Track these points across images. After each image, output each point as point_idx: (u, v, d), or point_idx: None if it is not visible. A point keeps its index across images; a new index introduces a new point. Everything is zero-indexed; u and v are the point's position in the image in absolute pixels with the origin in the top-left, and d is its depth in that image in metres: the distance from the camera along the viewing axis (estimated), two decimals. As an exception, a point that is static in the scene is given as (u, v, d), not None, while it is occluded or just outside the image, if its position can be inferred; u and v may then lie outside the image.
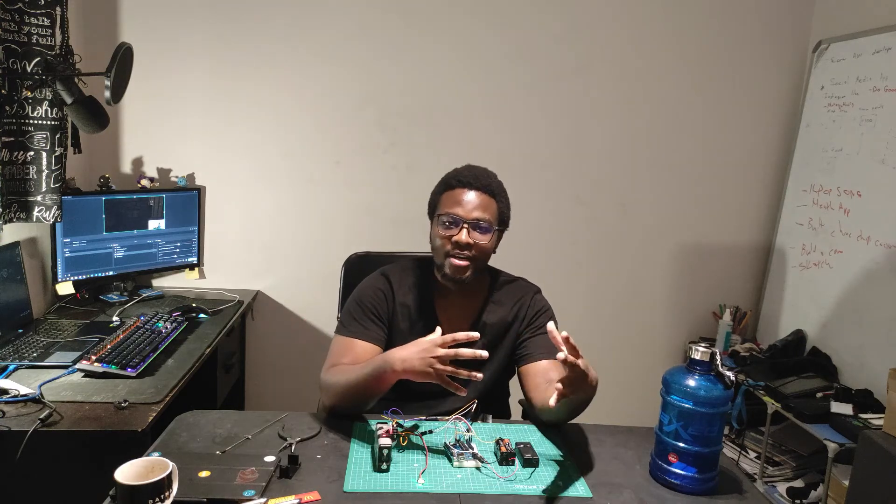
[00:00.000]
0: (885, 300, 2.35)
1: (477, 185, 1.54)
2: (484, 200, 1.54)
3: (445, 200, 1.56)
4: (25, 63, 2.07)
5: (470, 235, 1.51)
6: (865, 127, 2.50)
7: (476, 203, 1.53)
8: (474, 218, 1.52)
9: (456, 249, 1.52)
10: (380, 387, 1.39)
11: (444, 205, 1.56)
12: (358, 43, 2.75)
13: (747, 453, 2.65)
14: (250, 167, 2.81)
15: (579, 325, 3.00)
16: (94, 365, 1.80)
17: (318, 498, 1.15)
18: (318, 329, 2.94)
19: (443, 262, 1.55)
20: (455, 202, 1.53)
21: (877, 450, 1.89)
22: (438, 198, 1.59)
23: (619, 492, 1.24)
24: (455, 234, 1.51)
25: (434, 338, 1.32)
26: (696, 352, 1.25)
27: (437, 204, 1.59)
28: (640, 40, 2.87)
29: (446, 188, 1.57)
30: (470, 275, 1.54)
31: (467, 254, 1.52)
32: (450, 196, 1.55)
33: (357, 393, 1.41)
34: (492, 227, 1.54)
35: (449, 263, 1.53)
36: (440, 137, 2.85)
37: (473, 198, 1.53)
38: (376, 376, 1.37)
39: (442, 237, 1.53)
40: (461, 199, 1.53)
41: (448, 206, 1.54)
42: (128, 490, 1.01)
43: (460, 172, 1.57)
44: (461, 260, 1.52)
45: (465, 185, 1.54)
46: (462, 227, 1.51)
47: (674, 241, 3.05)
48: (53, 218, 2.26)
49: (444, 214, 1.53)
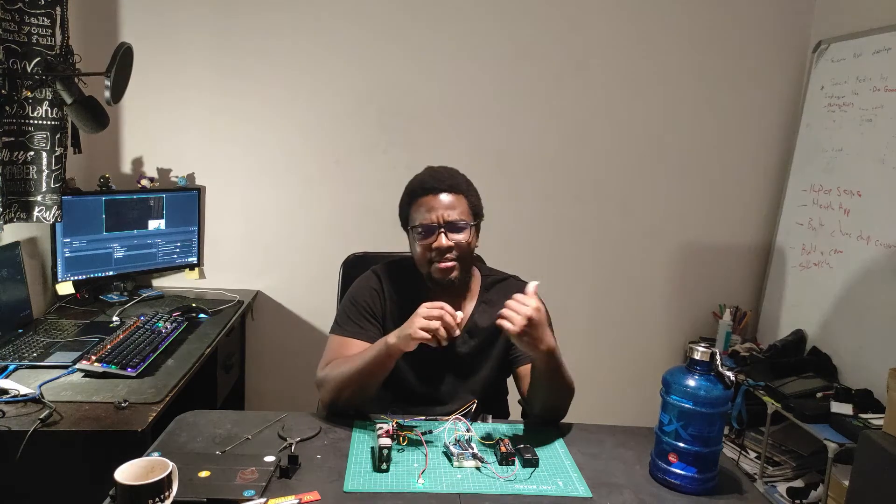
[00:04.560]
0: (885, 300, 2.35)
1: (442, 188, 1.52)
2: (453, 200, 1.52)
3: (415, 211, 1.54)
4: (25, 63, 2.07)
5: (448, 238, 1.50)
6: (865, 127, 2.50)
7: (446, 204, 1.51)
8: (448, 220, 1.51)
9: (438, 255, 1.51)
10: (382, 368, 1.41)
11: (415, 215, 1.54)
12: (358, 43, 2.76)
13: (747, 453, 2.65)
14: (250, 167, 2.81)
15: (579, 324, 3.03)
16: (94, 365, 1.80)
17: (318, 498, 1.15)
18: (317, 329, 2.93)
19: (428, 271, 1.55)
20: (425, 210, 1.52)
21: (877, 450, 1.88)
22: (408, 209, 1.57)
23: (619, 492, 1.24)
24: (433, 241, 1.51)
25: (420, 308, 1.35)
26: (696, 352, 1.25)
27: (408, 216, 1.57)
28: (640, 40, 2.87)
29: (413, 198, 1.55)
30: (458, 274, 1.54)
31: (450, 256, 1.52)
32: (418, 205, 1.53)
33: (361, 378, 1.42)
34: (467, 223, 1.53)
35: (435, 269, 1.53)
36: (440, 137, 2.85)
37: (442, 201, 1.51)
38: (378, 357, 1.39)
39: (421, 247, 1.53)
40: (431, 205, 1.51)
41: (419, 216, 1.53)
42: (128, 490, 1.01)
43: (423, 179, 1.55)
44: (446, 262, 1.52)
45: (431, 190, 1.52)
46: (438, 232, 1.50)
47: (674, 241, 3.05)
48: (53, 218, 2.26)
49: (418, 226, 1.52)
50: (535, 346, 1.33)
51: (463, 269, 1.55)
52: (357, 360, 1.43)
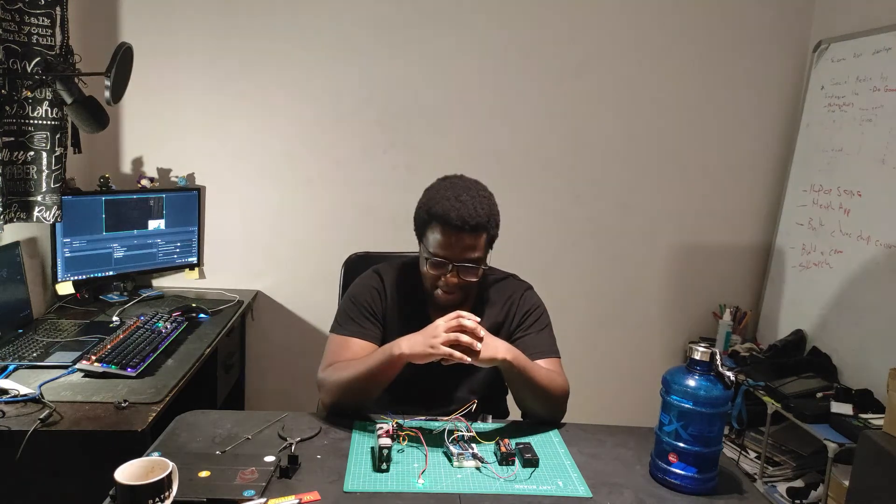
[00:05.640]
0: (885, 300, 2.35)
1: (466, 229, 1.42)
2: (473, 241, 1.45)
3: (432, 236, 1.47)
4: (25, 63, 2.07)
5: (459, 277, 1.47)
6: (865, 127, 2.50)
7: (464, 245, 1.44)
8: (463, 259, 1.46)
9: (444, 286, 1.50)
10: (387, 375, 1.40)
11: (430, 240, 1.47)
12: (358, 43, 2.76)
13: (747, 453, 2.65)
14: (250, 167, 2.81)
15: (579, 324, 3.03)
16: (94, 365, 1.80)
17: (318, 498, 1.15)
18: (317, 329, 2.93)
19: (432, 292, 1.54)
20: (442, 242, 1.45)
21: (877, 450, 1.88)
22: (425, 228, 1.50)
23: (619, 492, 1.24)
24: (443, 274, 1.48)
25: (439, 322, 1.36)
26: (696, 352, 1.25)
27: (423, 233, 1.51)
28: (640, 41, 2.87)
29: (432, 219, 1.45)
30: (460, 303, 1.53)
31: (456, 289, 1.50)
32: (436, 234, 1.45)
33: (364, 384, 1.41)
34: (481, 263, 1.50)
35: (438, 295, 1.53)
36: (440, 137, 2.85)
37: (462, 239, 1.44)
38: (384, 364, 1.38)
39: (430, 274, 1.50)
40: (449, 241, 1.44)
41: (435, 246, 1.46)
42: (128, 490, 1.01)
43: (447, 213, 1.42)
44: (450, 295, 1.51)
45: (453, 228, 1.42)
46: (450, 269, 1.47)
47: (674, 240, 3.05)
48: (53, 218, 2.26)
49: (431, 257, 1.47)
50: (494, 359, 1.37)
51: (465, 299, 1.55)
52: (359, 366, 1.42)
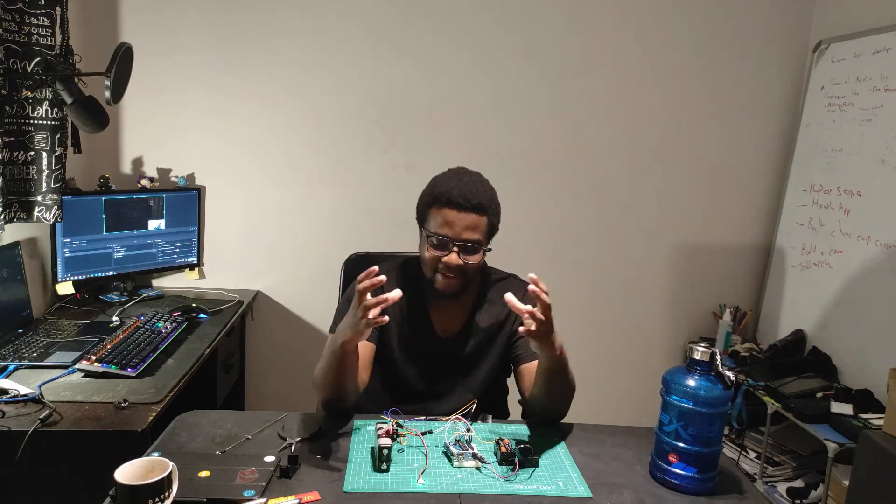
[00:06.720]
0: (885, 300, 2.35)
1: (468, 207, 1.46)
2: (475, 220, 1.47)
3: (434, 217, 1.49)
4: (25, 63, 2.07)
5: (460, 257, 1.48)
6: (865, 127, 2.50)
7: (466, 224, 1.46)
8: (464, 239, 1.47)
9: (445, 268, 1.50)
10: (343, 365, 1.35)
11: (432, 222, 1.50)
12: (358, 43, 2.76)
13: (747, 453, 2.65)
14: (250, 167, 2.81)
15: (579, 324, 3.03)
16: (93, 365, 1.80)
17: (318, 498, 1.15)
18: (317, 329, 2.93)
19: (432, 277, 1.54)
20: (444, 223, 1.47)
21: (877, 450, 1.88)
22: (427, 211, 1.52)
23: (619, 492, 1.24)
24: (444, 255, 1.48)
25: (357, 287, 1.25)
26: (696, 352, 1.25)
27: (425, 217, 1.53)
28: (640, 40, 2.87)
29: (435, 202, 1.49)
30: (460, 290, 1.54)
31: (457, 272, 1.50)
32: (438, 214, 1.48)
33: (332, 378, 1.39)
34: (482, 245, 1.51)
35: (439, 280, 1.52)
36: (440, 137, 2.85)
37: (463, 219, 1.46)
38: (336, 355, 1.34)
39: (431, 255, 1.51)
40: (450, 220, 1.47)
41: (436, 226, 1.48)
42: (128, 490, 1.00)
43: (450, 190, 1.47)
44: (451, 278, 1.51)
45: (456, 205, 1.46)
46: (451, 249, 1.48)
47: (674, 240, 3.05)
48: (53, 218, 2.26)
49: (433, 235, 1.49)
50: (552, 344, 1.31)
51: (465, 285, 1.55)
52: (322, 361, 1.41)
